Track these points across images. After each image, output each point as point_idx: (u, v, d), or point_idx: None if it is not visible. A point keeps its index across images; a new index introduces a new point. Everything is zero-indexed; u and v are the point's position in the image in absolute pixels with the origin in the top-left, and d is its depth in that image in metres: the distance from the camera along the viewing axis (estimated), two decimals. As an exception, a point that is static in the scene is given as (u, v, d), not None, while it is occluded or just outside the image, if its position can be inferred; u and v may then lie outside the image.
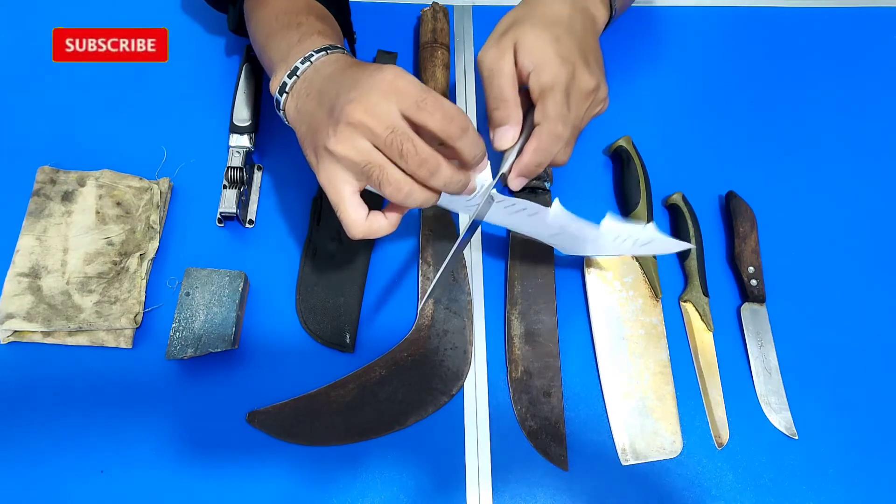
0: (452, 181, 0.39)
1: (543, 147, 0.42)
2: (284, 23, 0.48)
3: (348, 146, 0.38)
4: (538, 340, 0.55)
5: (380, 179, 0.38)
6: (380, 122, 0.37)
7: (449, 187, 0.39)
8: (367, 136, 0.38)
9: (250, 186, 0.59)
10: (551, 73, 0.41)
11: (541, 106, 0.42)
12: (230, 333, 0.51)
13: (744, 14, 0.72)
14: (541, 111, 0.42)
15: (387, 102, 0.37)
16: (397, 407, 0.53)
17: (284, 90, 0.44)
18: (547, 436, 0.52)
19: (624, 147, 0.61)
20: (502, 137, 0.43)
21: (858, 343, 0.58)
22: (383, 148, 0.38)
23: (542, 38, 0.42)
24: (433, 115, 0.37)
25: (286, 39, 0.47)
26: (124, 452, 0.50)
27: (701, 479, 0.52)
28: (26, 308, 0.52)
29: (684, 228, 0.59)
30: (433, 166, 0.38)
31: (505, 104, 0.43)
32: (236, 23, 0.58)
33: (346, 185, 0.40)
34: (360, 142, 0.38)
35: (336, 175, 0.40)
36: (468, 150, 0.39)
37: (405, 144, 0.37)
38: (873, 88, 0.69)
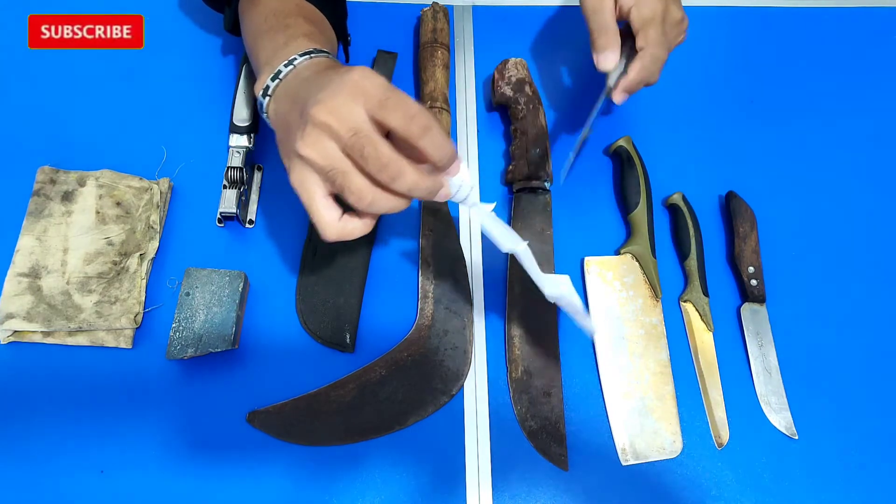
0: (417, 186, 0.38)
1: (647, 66, 0.50)
2: (273, 24, 0.48)
3: (314, 149, 0.38)
4: (538, 340, 0.55)
5: (343, 186, 0.38)
6: (343, 123, 0.37)
7: (414, 192, 0.38)
8: (332, 138, 0.37)
9: (250, 186, 0.59)
10: (650, 7, 0.50)
11: (643, 34, 0.50)
12: (230, 333, 0.51)
13: (744, 14, 0.72)
14: (643, 38, 0.50)
15: (352, 103, 0.37)
16: (397, 407, 0.53)
17: (267, 93, 0.44)
18: (547, 436, 0.52)
19: (624, 147, 0.61)
20: (606, 60, 0.51)
21: (858, 343, 0.58)
22: (347, 150, 0.37)
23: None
24: (394, 112, 0.37)
25: (273, 41, 0.47)
26: (124, 452, 0.50)
27: (701, 479, 0.52)
28: (26, 308, 0.52)
29: (684, 228, 0.59)
30: (395, 171, 0.37)
31: (608, 33, 0.51)
32: (231, 23, 0.58)
33: (317, 187, 0.39)
34: (326, 144, 0.37)
35: (305, 178, 0.39)
36: (432, 150, 0.38)
37: (367, 147, 0.37)
38: (873, 88, 0.69)
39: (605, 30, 0.50)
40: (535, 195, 0.59)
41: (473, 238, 0.59)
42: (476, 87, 0.67)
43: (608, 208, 0.62)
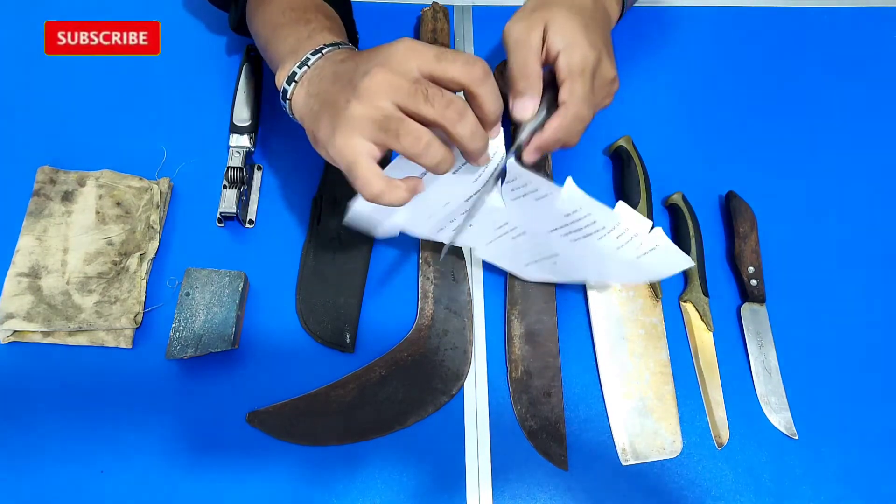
0: (477, 132, 0.38)
1: (566, 126, 0.43)
2: (292, 18, 0.48)
3: (369, 106, 0.37)
4: (538, 340, 0.55)
5: (398, 131, 0.37)
6: (404, 77, 0.37)
7: (474, 140, 0.38)
8: (389, 94, 0.37)
9: (250, 186, 0.59)
10: (582, 56, 0.43)
11: (569, 86, 0.43)
12: (230, 333, 0.51)
13: (744, 14, 0.72)
14: (568, 91, 0.43)
15: (406, 62, 0.37)
16: (397, 407, 0.53)
17: (293, 79, 0.44)
18: (547, 436, 0.52)
19: (624, 147, 0.61)
20: (523, 108, 0.44)
21: (858, 342, 0.58)
22: (407, 99, 0.37)
23: (574, 21, 0.44)
24: (454, 62, 0.37)
25: (295, 34, 0.47)
26: (124, 452, 0.50)
27: (701, 479, 0.52)
28: (26, 308, 0.52)
29: (684, 228, 0.59)
30: (461, 107, 0.37)
31: (528, 77, 0.44)
32: (237, 21, 0.58)
33: (363, 147, 0.38)
34: (381, 101, 0.37)
35: (353, 140, 0.38)
36: (491, 99, 0.38)
37: (430, 90, 0.36)
38: (873, 88, 0.69)
39: (525, 72, 0.43)
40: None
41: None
42: (476, 87, 0.66)
43: (608, 208, 0.62)
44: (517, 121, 0.45)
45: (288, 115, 0.46)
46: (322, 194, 0.58)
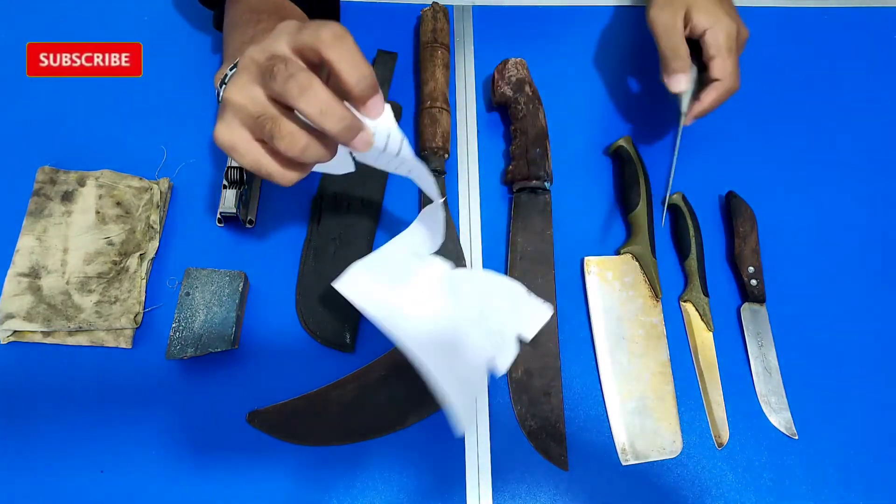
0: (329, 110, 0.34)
1: (721, 97, 0.53)
2: (246, 20, 0.49)
3: (242, 93, 0.36)
4: (538, 340, 0.55)
5: (272, 133, 0.35)
6: (264, 54, 0.35)
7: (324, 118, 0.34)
8: (255, 75, 0.35)
9: (250, 186, 0.59)
10: (726, 33, 0.52)
11: (720, 64, 0.52)
12: (230, 333, 0.51)
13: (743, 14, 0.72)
14: (721, 68, 0.52)
15: (275, 42, 0.35)
16: (397, 407, 0.52)
17: (224, 82, 0.44)
18: (547, 436, 0.52)
19: (624, 147, 0.61)
20: (678, 83, 0.53)
21: (858, 342, 0.58)
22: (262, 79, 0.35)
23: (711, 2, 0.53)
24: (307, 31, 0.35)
25: (242, 35, 0.47)
26: (124, 452, 0.50)
27: (701, 479, 0.52)
28: (26, 308, 0.52)
29: (684, 228, 0.59)
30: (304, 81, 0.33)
31: (680, 56, 0.52)
32: (220, 21, 0.58)
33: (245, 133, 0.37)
34: (253, 88, 0.36)
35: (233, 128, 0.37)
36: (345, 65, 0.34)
37: (277, 65, 0.34)
38: (873, 88, 0.69)
39: (677, 54, 0.52)
40: (535, 195, 0.59)
41: (473, 238, 0.59)
42: (476, 87, 0.67)
43: (608, 208, 0.62)
44: (675, 92, 0.54)
45: None
46: (322, 194, 0.58)
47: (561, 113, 0.65)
